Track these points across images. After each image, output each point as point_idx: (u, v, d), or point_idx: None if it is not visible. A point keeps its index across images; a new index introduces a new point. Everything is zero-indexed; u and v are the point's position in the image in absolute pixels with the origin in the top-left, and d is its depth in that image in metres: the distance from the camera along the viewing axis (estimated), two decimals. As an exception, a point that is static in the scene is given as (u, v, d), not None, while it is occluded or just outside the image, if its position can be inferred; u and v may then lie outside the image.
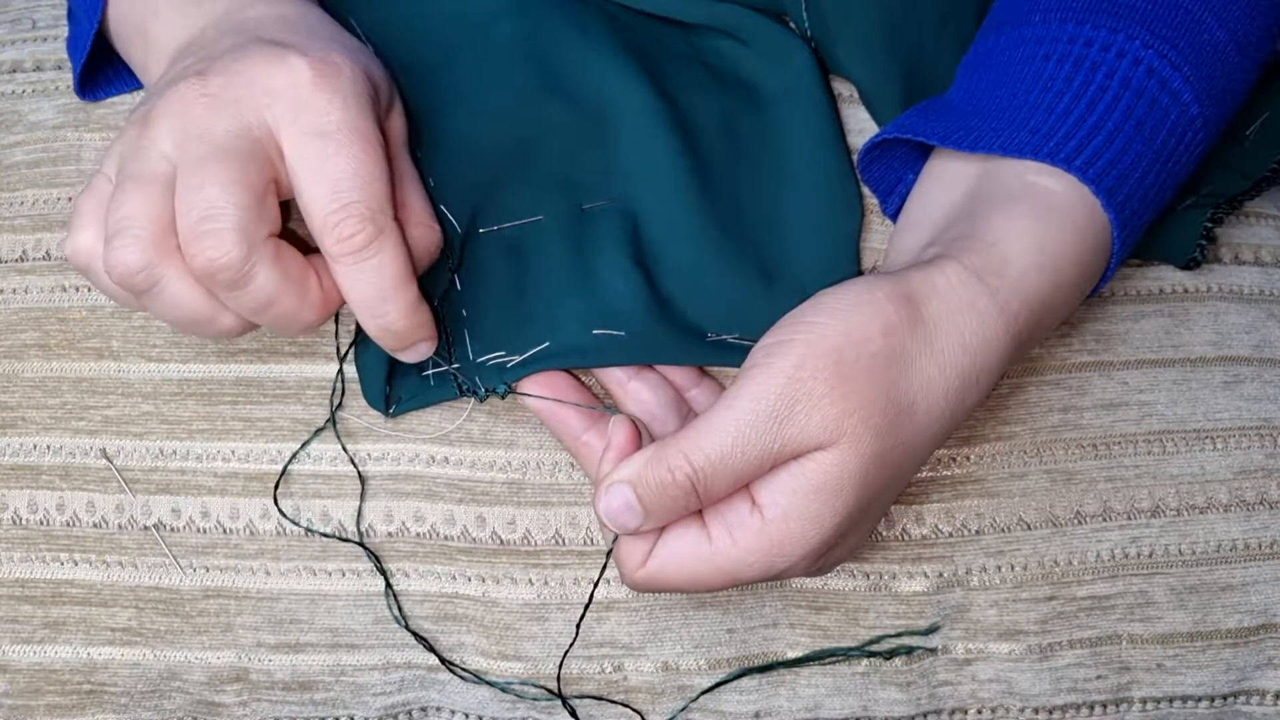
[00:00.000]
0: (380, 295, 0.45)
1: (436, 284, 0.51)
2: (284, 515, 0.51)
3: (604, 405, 0.51)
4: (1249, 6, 0.50)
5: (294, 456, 0.52)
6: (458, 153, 0.53)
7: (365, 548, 0.51)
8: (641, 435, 0.47)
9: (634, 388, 0.51)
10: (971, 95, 0.51)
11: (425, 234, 0.48)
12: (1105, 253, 0.48)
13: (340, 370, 0.52)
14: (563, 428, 0.50)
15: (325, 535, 0.51)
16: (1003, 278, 0.45)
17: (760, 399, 0.42)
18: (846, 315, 0.43)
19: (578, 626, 0.50)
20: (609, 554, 0.46)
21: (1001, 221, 0.46)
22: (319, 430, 0.52)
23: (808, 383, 0.42)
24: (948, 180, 0.51)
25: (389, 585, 0.51)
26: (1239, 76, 0.50)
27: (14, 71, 0.59)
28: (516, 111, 0.54)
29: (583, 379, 0.52)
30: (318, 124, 0.43)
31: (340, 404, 0.52)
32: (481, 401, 0.52)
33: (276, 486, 0.52)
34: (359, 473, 0.52)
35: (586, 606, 0.50)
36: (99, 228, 0.45)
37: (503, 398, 0.51)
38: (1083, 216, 0.47)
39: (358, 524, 0.52)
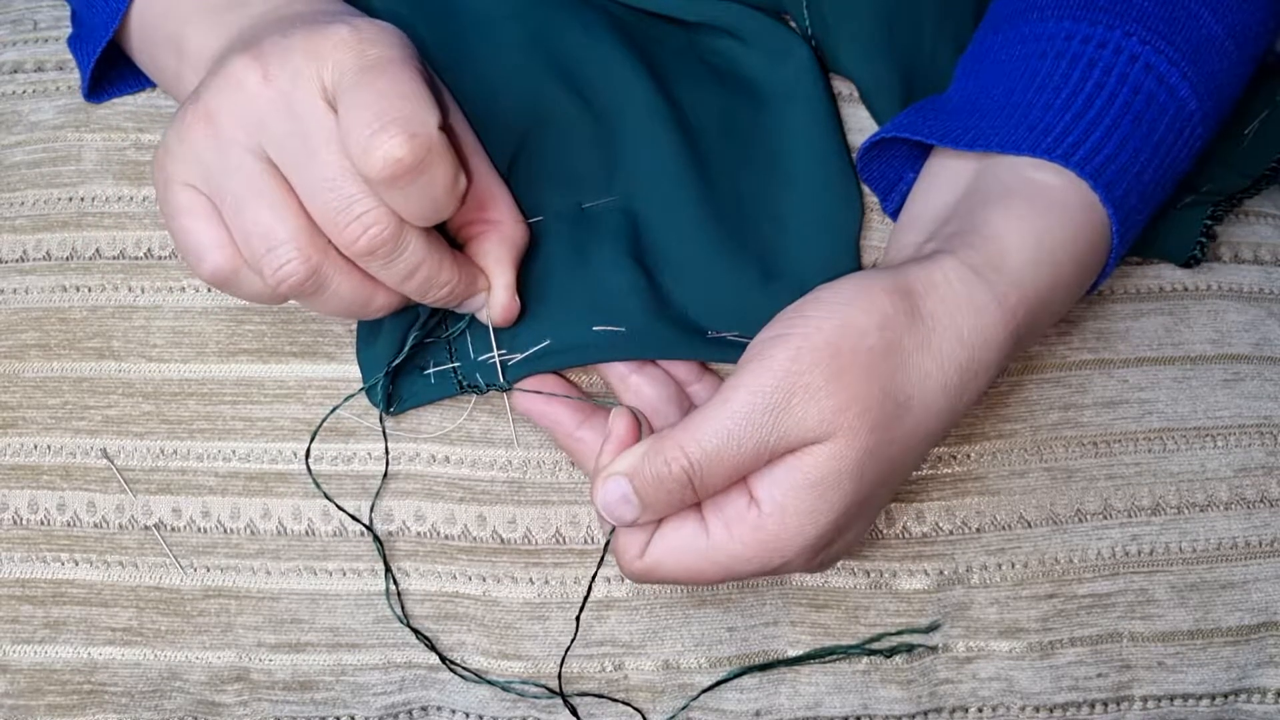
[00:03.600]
0: (435, 208, 0.44)
1: None
2: (312, 478, 0.51)
3: (604, 399, 0.51)
4: (1245, 1, 0.50)
5: (334, 410, 0.52)
6: None
7: (373, 531, 0.51)
8: (641, 427, 0.47)
9: (635, 381, 0.51)
10: (970, 93, 0.51)
11: (522, 231, 0.50)
12: (1104, 248, 0.48)
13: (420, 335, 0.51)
14: (556, 425, 0.50)
15: (346, 512, 0.51)
16: (1001, 273, 0.45)
17: (756, 392, 0.42)
18: (843, 309, 0.43)
19: (577, 619, 0.50)
20: (606, 545, 0.46)
21: (1000, 217, 0.46)
22: (354, 393, 0.52)
23: (804, 376, 0.42)
24: (947, 178, 0.51)
25: (394, 582, 0.51)
26: (1236, 72, 0.50)
27: (15, 72, 0.59)
28: (519, 110, 0.54)
29: (583, 375, 0.52)
30: (360, 61, 0.42)
31: (389, 369, 0.51)
32: (482, 394, 0.52)
33: (310, 442, 0.52)
34: (386, 458, 0.52)
35: (586, 597, 0.50)
36: (227, 244, 0.45)
37: (503, 392, 0.51)
38: (1081, 212, 0.47)
39: (370, 513, 0.52)
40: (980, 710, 0.53)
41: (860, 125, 0.57)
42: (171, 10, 0.50)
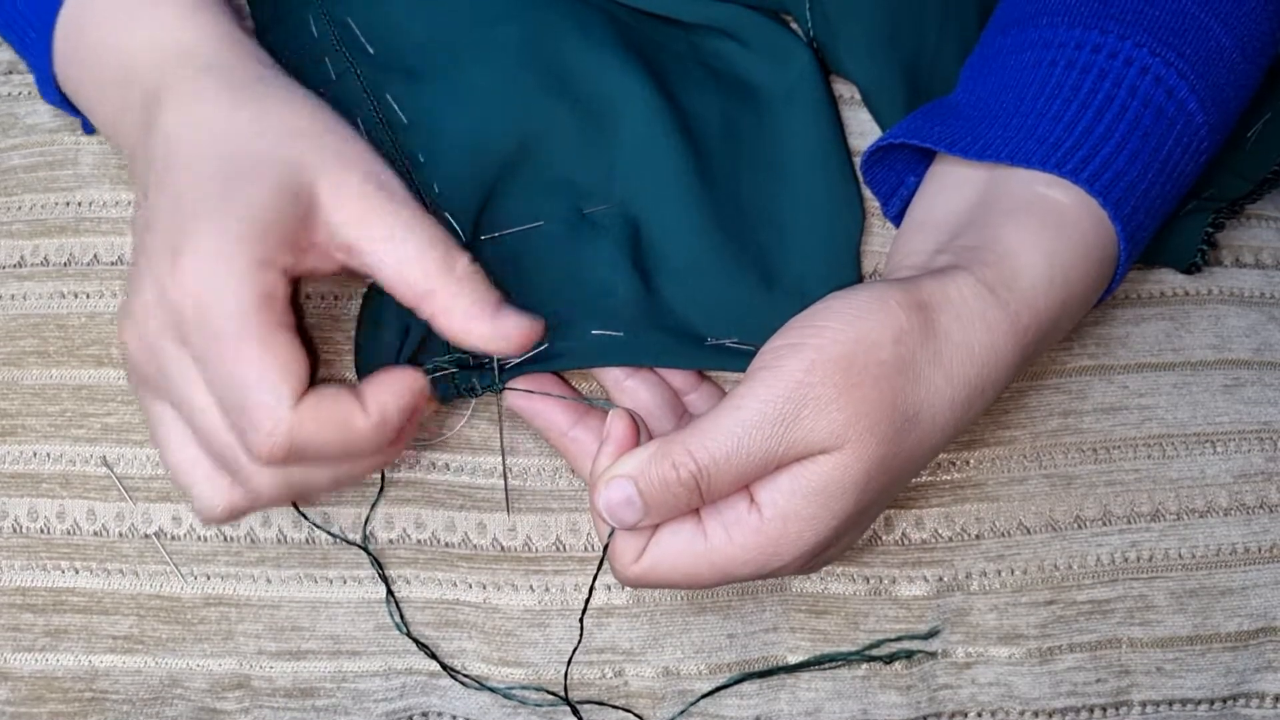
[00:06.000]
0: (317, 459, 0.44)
1: None
2: (299, 509, 0.51)
3: (601, 401, 0.51)
4: (1254, 12, 0.49)
5: None
6: (460, 156, 0.53)
7: (367, 550, 0.51)
8: (639, 430, 0.47)
9: (630, 386, 0.51)
10: (977, 99, 0.50)
11: (472, 297, 0.44)
12: (1111, 264, 0.48)
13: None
14: (548, 425, 0.50)
15: (334, 535, 0.51)
16: (1014, 291, 0.45)
17: (768, 401, 0.42)
18: (858, 321, 0.43)
19: (581, 622, 0.50)
20: (605, 549, 0.46)
21: (1012, 233, 0.46)
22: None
23: (816, 387, 0.42)
24: (954, 184, 0.50)
25: (390, 592, 0.52)
26: (1243, 83, 0.50)
27: (10, 73, 0.58)
28: (519, 114, 0.54)
29: (580, 382, 0.52)
30: (203, 330, 0.41)
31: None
32: (478, 396, 0.51)
33: None
34: (383, 472, 0.52)
35: (587, 600, 0.50)
36: (210, 468, 0.45)
37: (498, 393, 0.51)
38: (1090, 229, 0.46)
39: (364, 527, 0.52)
40: (980, 715, 0.53)
41: (862, 128, 0.57)
42: (79, 89, 0.50)
